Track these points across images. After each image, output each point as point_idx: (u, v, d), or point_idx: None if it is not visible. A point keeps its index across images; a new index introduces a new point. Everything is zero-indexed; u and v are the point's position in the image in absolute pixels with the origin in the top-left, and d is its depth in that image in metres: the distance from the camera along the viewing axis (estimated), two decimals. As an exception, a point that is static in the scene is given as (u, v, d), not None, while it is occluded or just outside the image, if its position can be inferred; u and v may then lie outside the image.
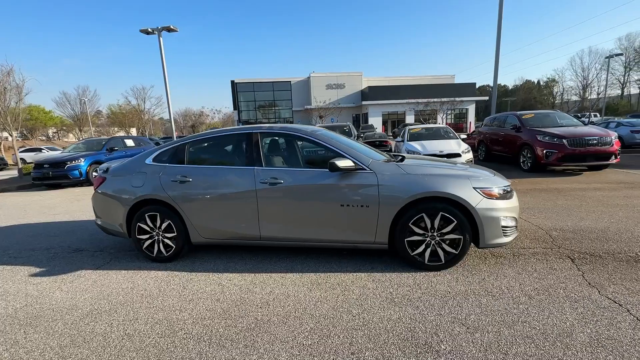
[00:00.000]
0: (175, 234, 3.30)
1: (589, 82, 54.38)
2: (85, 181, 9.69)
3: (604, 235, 3.47)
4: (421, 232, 2.81)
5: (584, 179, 6.86)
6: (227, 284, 2.92)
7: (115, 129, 42.75)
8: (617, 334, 1.88)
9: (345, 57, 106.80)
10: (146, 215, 3.30)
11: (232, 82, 40.56)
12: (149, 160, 3.47)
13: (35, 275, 3.33)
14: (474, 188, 2.76)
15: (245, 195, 3.10)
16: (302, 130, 3.37)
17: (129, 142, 11.63)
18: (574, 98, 57.71)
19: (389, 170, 2.89)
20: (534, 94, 67.14)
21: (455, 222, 2.72)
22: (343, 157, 2.98)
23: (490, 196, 2.75)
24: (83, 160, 9.81)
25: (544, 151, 7.61)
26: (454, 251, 2.80)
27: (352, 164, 2.90)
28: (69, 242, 4.32)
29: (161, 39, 12.80)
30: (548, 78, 65.28)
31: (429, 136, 9.25)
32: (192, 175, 3.25)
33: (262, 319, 2.27)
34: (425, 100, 34.76)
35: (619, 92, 54.15)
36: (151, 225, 3.32)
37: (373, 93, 34.22)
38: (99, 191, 3.55)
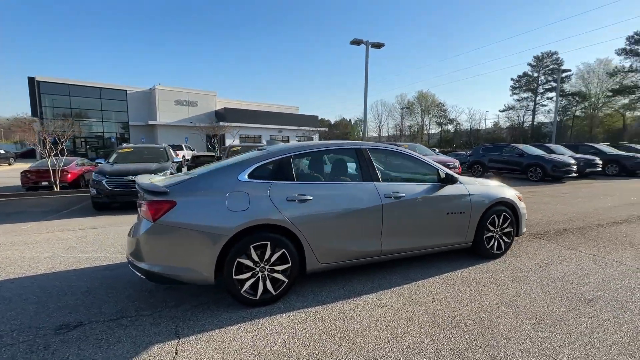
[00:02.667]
0: (290, 264, 2.82)
1: (382, 124, 77.17)
2: None
3: (551, 219, 5.52)
4: (492, 229, 3.74)
5: None
6: (395, 304, 2.89)
7: None
8: (595, 265, 3.52)
9: (195, 75, 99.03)
10: (251, 246, 2.65)
11: (32, 79, 29.66)
12: (243, 177, 2.80)
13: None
14: (514, 194, 3.96)
15: (372, 211, 3.12)
16: (399, 148, 3.70)
17: None
18: (374, 134, 79.15)
19: (469, 182, 3.69)
20: (349, 129, 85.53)
21: (510, 219, 3.82)
22: (443, 171, 3.55)
23: (520, 199, 4.03)
24: None
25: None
26: (509, 241, 3.88)
27: (453, 177, 3.54)
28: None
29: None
30: (357, 118, 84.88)
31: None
32: (312, 192, 2.92)
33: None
34: (281, 126, 37.77)
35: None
36: (256, 258, 2.68)
37: (230, 115, 33.77)
38: (166, 222, 2.50)
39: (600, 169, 14.15)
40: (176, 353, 2.14)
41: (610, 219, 5.95)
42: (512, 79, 54.94)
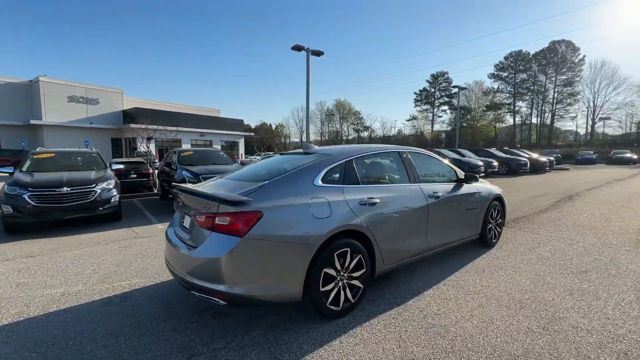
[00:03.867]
0: (364, 270, 2.78)
1: (303, 129, 79.53)
2: None
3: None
4: (492, 221, 4.36)
5: None
6: (457, 295, 3.12)
7: None
8: (563, 245, 4.45)
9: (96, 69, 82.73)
10: (335, 255, 2.54)
11: None
12: (317, 182, 2.66)
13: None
14: (501, 190, 4.68)
15: (421, 211, 3.31)
16: (426, 151, 3.97)
17: None
18: (296, 139, 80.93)
19: (474, 181, 4.19)
20: (270, 134, 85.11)
21: (501, 212, 4.52)
22: (460, 172, 3.98)
23: (502, 192, 4.76)
24: None
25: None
26: (500, 230, 4.56)
27: (469, 177, 3.99)
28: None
29: None
30: (279, 123, 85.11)
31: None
32: (377, 195, 2.93)
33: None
34: (203, 130, 35.02)
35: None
36: (339, 267, 2.59)
37: (143, 116, 29.78)
38: (255, 236, 2.20)
39: (496, 170, 17.49)
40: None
41: (536, 209, 7.46)
42: (414, 93, 63.33)
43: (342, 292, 2.61)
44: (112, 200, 6.52)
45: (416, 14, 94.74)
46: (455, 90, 57.49)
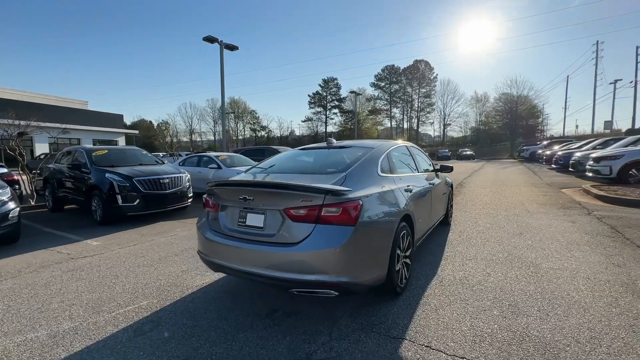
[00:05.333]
0: (411, 248, 3.20)
1: (194, 127, 73.12)
2: None
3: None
4: (450, 204, 5.41)
5: None
6: (477, 268, 3.84)
7: None
8: (496, 217, 5.95)
9: None
10: (400, 236, 2.89)
11: None
12: (379, 172, 2.93)
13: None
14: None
15: (428, 195, 3.93)
16: (416, 146, 4.60)
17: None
18: (185, 139, 73.48)
19: (448, 171, 5.11)
20: (152, 132, 74.59)
21: (452, 195, 5.66)
22: (436, 164, 4.83)
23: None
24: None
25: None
26: (452, 211, 5.70)
27: (441, 167, 4.87)
28: None
29: None
30: (163, 120, 75.50)
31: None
32: (410, 183, 3.38)
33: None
34: (67, 125, 27.87)
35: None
36: (402, 247, 2.95)
37: (-31, 104, 21.77)
38: (361, 224, 2.33)
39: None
40: None
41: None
42: (308, 95, 66.74)
43: (403, 270, 2.92)
44: (9, 215, 4.89)
45: (309, 19, 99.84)
46: (345, 95, 63.66)
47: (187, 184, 7.49)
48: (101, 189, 6.40)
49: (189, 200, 7.54)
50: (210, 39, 14.97)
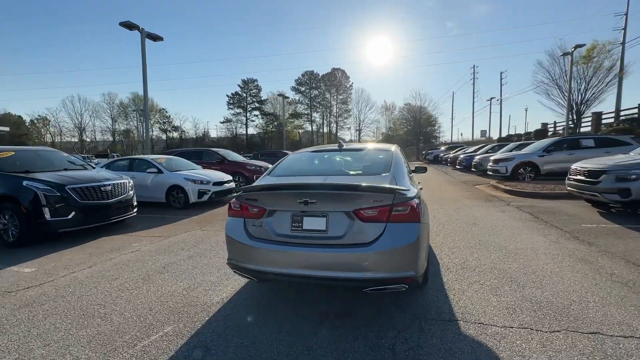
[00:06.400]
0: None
1: (85, 125, 61.85)
2: None
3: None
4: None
5: None
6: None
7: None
8: (441, 210, 6.94)
9: None
10: None
11: None
12: (407, 172, 3.22)
13: None
14: None
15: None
16: None
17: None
18: (73, 139, 61.26)
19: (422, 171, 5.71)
20: (23, 130, 60.04)
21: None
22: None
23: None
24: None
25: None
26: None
27: None
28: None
29: None
30: (39, 116, 61.61)
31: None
32: (416, 182, 3.75)
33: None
34: None
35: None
36: None
37: None
38: (423, 220, 2.56)
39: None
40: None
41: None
42: (227, 95, 63.62)
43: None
44: None
45: (228, 14, 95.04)
46: (266, 97, 62.97)
47: (132, 191, 6.46)
48: (18, 201, 5.03)
49: (135, 210, 6.51)
50: (128, 25, 13.04)
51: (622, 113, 20.93)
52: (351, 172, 3.11)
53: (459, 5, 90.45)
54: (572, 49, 18.32)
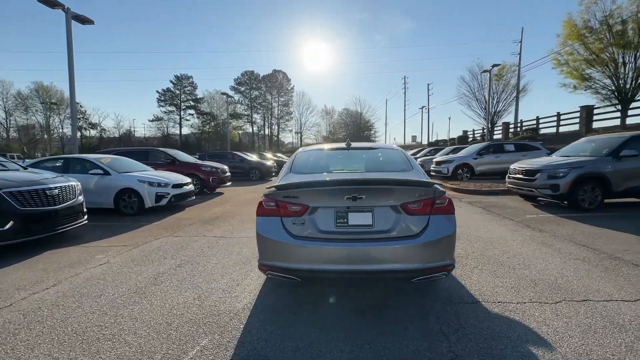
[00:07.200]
0: None
1: None
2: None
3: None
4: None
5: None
6: None
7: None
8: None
9: None
10: None
11: None
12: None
13: None
14: None
15: None
16: None
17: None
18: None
19: None
20: None
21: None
22: None
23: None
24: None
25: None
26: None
27: None
28: None
29: None
30: None
31: None
32: None
33: None
34: None
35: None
36: None
37: None
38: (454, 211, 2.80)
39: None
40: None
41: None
42: (157, 92, 58.17)
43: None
44: None
45: (162, 6, 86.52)
46: (200, 95, 59.33)
47: (81, 196, 5.53)
48: None
49: (85, 218, 5.58)
50: (51, 2, 11.11)
51: (525, 124, 25.18)
52: (385, 169, 3.19)
53: (386, 21, 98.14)
54: (491, 67, 21.41)
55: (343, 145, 3.79)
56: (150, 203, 7.28)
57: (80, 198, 5.49)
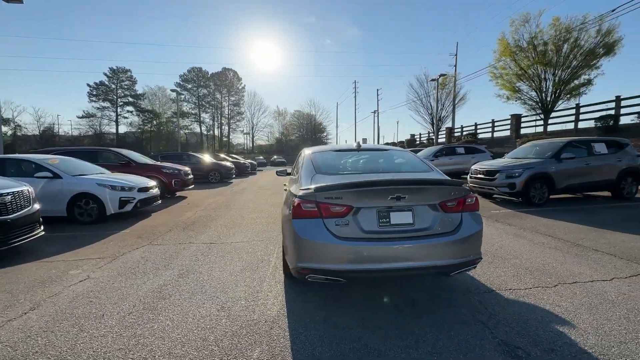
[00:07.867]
0: None
1: None
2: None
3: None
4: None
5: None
6: None
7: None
8: None
9: None
10: None
11: None
12: None
13: None
14: None
15: None
16: None
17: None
18: None
19: None
20: None
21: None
22: None
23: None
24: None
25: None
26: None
27: None
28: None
29: None
30: None
31: None
32: None
33: None
34: None
35: None
36: None
37: None
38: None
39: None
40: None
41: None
42: (88, 85, 51.98)
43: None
44: None
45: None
46: (140, 91, 54.46)
47: (36, 204, 4.74)
48: None
49: (42, 228, 4.78)
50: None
51: (465, 129, 27.90)
52: (410, 170, 3.29)
53: (333, 27, 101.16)
54: (438, 77, 23.33)
55: (353, 146, 3.86)
56: (113, 209, 6.50)
57: (36, 206, 4.70)
